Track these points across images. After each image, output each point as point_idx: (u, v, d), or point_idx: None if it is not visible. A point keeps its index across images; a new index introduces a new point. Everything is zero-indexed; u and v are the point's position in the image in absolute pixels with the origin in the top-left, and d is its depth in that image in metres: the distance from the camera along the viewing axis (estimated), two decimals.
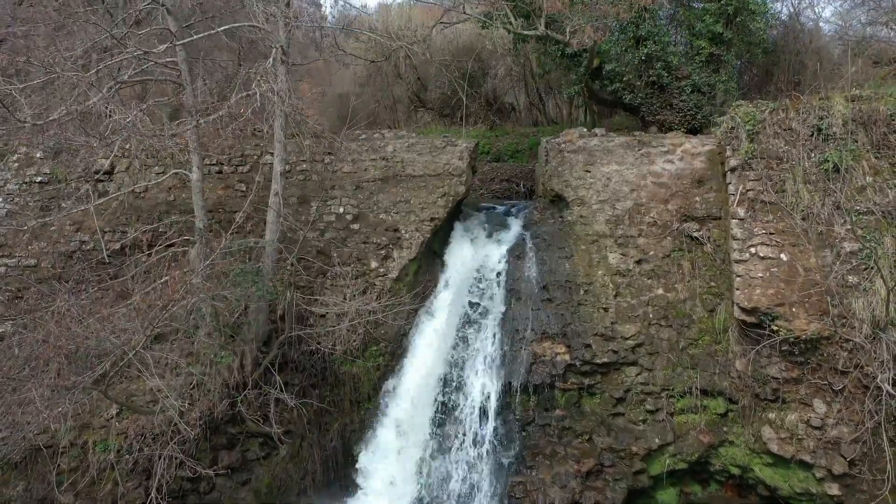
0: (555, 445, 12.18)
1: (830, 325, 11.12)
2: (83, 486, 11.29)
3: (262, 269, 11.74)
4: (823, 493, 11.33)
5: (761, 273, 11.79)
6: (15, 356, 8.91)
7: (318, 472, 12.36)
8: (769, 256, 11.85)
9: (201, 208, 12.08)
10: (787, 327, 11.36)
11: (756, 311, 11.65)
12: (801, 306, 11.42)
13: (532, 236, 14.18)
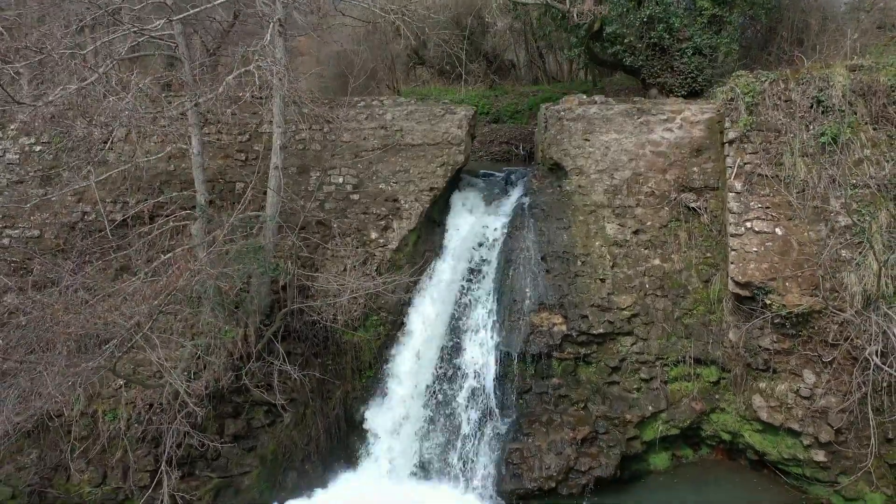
0: (551, 413, 12.54)
1: (822, 300, 11.34)
2: (94, 454, 11.67)
3: (264, 245, 11.87)
4: (810, 459, 11.74)
5: (756, 247, 11.95)
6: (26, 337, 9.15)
7: (321, 438, 12.74)
8: (764, 231, 11.99)
9: (202, 182, 12.17)
10: (780, 301, 11.59)
11: (750, 285, 11.86)
12: (794, 281, 11.62)
13: (530, 206, 14.28)
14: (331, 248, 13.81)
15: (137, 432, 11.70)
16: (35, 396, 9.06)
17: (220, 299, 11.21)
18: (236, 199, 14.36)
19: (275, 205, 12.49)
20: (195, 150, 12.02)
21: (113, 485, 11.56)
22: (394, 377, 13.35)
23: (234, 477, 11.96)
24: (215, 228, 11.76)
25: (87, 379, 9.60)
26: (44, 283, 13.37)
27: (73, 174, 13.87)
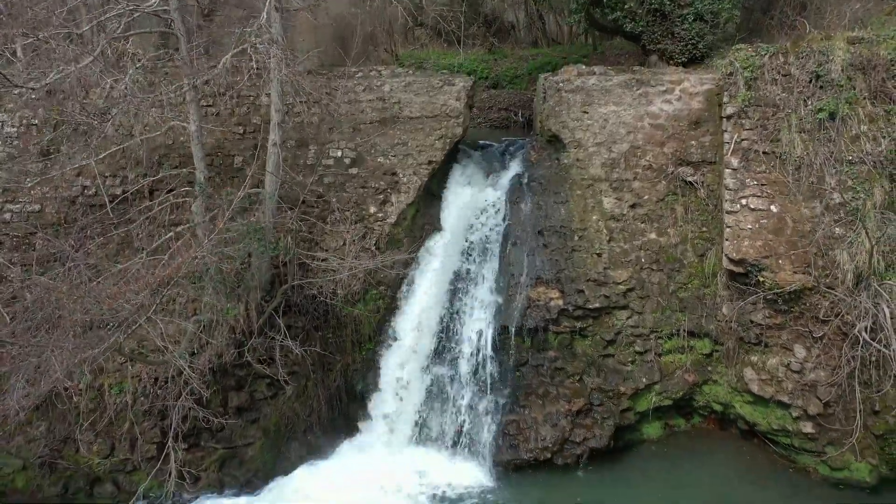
0: (547, 386, 12.83)
1: (814, 278, 11.51)
2: (102, 427, 11.99)
3: (263, 223, 11.99)
4: (798, 430, 12.06)
5: (750, 225, 12.08)
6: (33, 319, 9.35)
7: (322, 409, 13.06)
8: (759, 208, 12.10)
9: (201, 160, 12.21)
10: (773, 279, 11.77)
11: (744, 262, 12.02)
12: (788, 258, 11.78)
13: (528, 180, 14.34)
14: (330, 223, 13.92)
15: (143, 406, 11.99)
16: (43, 378, 9.31)
17: (221, 277, 11.37)
18: (235, 173, 14.45)
19: (274, 182, 12.56)
20: (193, 128, 12.04)
21: (121, 456, 11.90)
22: (393, 349, 13.60)
23: (239, 448, 12.30)
24: (215, 207, 11.85)
25: (93, 360, 9.83)
26: (47, 258, 13.55)
27: (71, 148, 13.89)
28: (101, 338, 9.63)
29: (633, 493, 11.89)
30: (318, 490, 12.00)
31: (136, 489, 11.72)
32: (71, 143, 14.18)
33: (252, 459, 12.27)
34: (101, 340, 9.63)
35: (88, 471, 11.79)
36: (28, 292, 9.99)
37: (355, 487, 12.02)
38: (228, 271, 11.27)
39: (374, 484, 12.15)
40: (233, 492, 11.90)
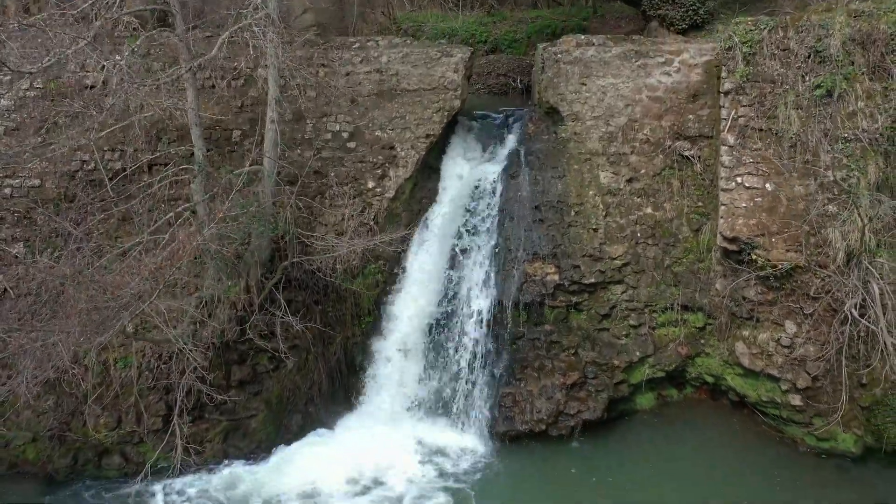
0: (543, 359, 13.11)
1: (806, 257, 11.68)
2: (108, 401, 12.28)
3: (262, 201, 12.09)
4: (787, 402, 12.39)
5: (745, 203, 12.19)
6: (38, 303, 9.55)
7: (323, 382, 13.36)
8: (754, 186, 12.20)
9: (199, 137, 12.24)
10: (765, 257, 11.94)
11: (737, 240, 12.17)
12: (781, 237, 11.93)
13: (526, 153, 14.38)
14: (328, 198, 14.02)
15: (148, 380, 12.26)
16: (50, 362, 9.56)
17: (221, 256, 11.52)
18: (233, 147, 14.49)
19: (272, 160, 12.62)
20: (191, 107, 12.04)
21: (127, 429, 12.23)
22: (392, 323, 13.85)
23: (242, 420, 12.63)
24: (214, 185, 11.95)
25: (98, 345, 10.07)
26: (48, 234, 13.70)
27: (68, 124, 13.90)
28: (105, 322, 9.83)
29: (626, 463, 12.27)
30: (320, 459, 12.37)
31: (143, 460, 12.08)
32: (68, 119, 14.20)
33: (255, 431, 12.61)
34: (105, 324, 9.83)
35: (96, 443, 12.12)
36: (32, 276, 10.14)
37: (355, 457, 12.40)
38: (228, 252, 11.41)
39: (374, 453, 12.51)
40: (237, 462, 12.26)
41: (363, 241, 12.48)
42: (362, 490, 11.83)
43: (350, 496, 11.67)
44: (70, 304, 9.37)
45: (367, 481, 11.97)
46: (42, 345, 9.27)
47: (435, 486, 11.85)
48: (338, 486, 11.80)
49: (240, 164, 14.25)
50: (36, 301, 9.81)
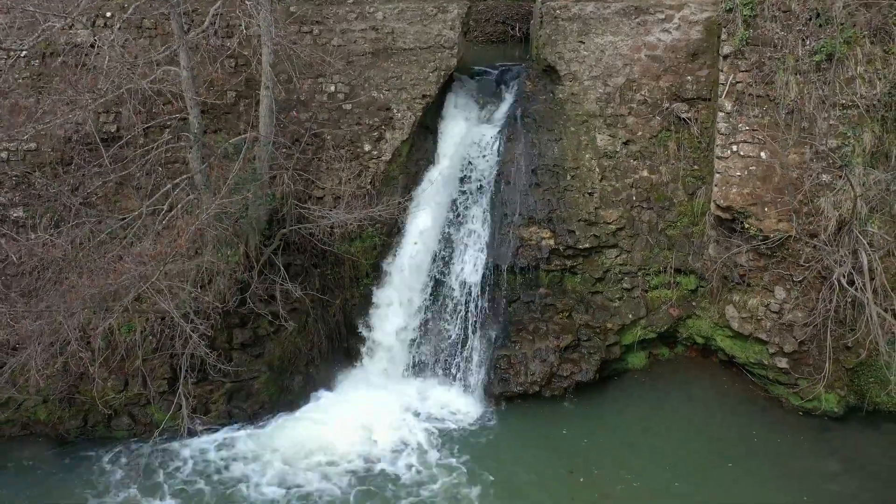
0: (537, 322, 13.40)
1: (798, 226, 11.82)
2: (115, 364, 12.61)
3: (259, 170, 12.12)
4: (774, 365, 12.75)
5: (739, 172, 12.25)
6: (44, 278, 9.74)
7: (323, 343, 13.69)
8: (749, 155, 12.23)
9: (195, 106, 12.17)
10: (758, 226, 12.09)
11: (730, 209, 12.29)
12: (773, 206, 12.03)
13: (523, 115, 14.31)
14: (325, 161, 14.04)
15: (152, 344, 12.57)
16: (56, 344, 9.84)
17: (220, 226, 11.64)
18: (229, 109, 14.41)
19: (268, 125, 12.58)
20: (185, 75, 11.92)
21: (134, 391, 12.59)
22: (389, 284, 14.08)
23: (245, 382, 12.99)
24: (211, 153, 11.96)
25: (103, 331, 10.34)
26: (47, 197, 13.77)
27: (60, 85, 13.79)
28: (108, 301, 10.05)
29: (616, 423, 12.70)
30: (321, 420, 12.81)
31: (150, 421, 12.52)
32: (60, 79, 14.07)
33: (258, 392, 13.00)
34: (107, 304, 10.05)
35: (105, 405, 12.49)
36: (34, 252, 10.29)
37: (355, 416, 12.83)
38: (227, 226, 11.53)
39: (373, 413, 12.93)
40: (241, 423, 12.68)
41: (359, 214, 12.56)
42: (361, 449, 12.26)
43: (349, 455, 12.11)
44: (74, 288, 9.55)
45: (365, 441, 12.39)
46: (49, 325, 9.52)
47: (431, 445, 12.30)
48: (337, 446, 12.23)
49: (235, 126, 14.26)
50: (40, 277, 9.99)
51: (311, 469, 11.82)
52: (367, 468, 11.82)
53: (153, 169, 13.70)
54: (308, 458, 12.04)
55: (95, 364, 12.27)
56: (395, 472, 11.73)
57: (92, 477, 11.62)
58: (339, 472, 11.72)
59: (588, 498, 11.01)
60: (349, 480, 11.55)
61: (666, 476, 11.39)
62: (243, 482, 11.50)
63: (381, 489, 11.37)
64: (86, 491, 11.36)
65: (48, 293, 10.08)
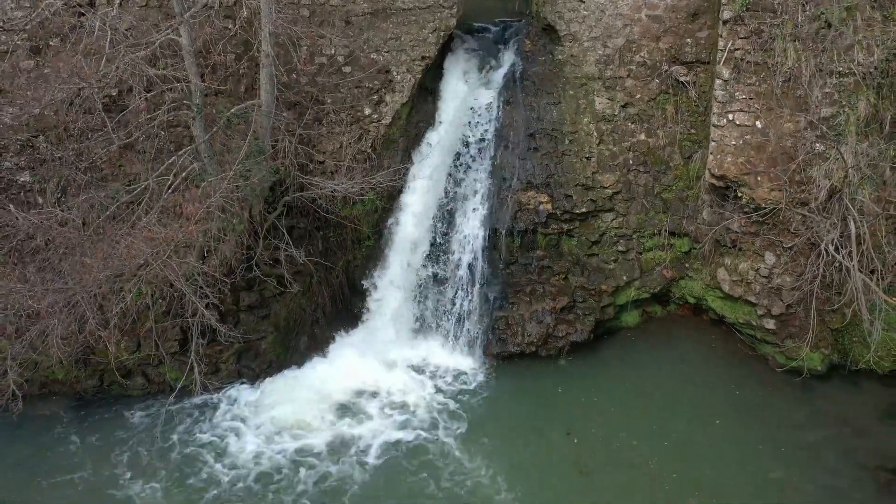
0: (534, 284, 13.82)
1: (790, 195, 12.09)
2: (127, 327, 13.07)
3: (261, 138, 12.29)
4: (762, 325, 13.24)
5: (734, 141, 12.42)
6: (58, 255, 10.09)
7: (327, 304, 14.15)
8: (745, 124, 12.38)
9: (195, 74, 12.25)
10: (750, 195, 12.36)
11: (724, 178, 12.52)
12: (767, 176, 12.27)
13: (522, 77, 14.36)
14: (325, 125, 14.16)
15: (161, 307, 13.00)
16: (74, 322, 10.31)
17: (226, 197, 11.89)
18: (228, 72, 14.42)
19: (269, 92, 12.67)
20: (185, 41, 11.95)
21: (147, 352, 13.10)
22: (391, 246, 14.44)
23: (253, 342, 13.50)
24: (213, 124, 12.12)
25: (119, 312, 10.79)
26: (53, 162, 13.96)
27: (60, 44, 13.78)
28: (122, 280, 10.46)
29: (610, 381, 13.29)
30: (326, 378, 13.39)
31: (163, 380, 13.12)
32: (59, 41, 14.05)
33: (265, 352, 13.53)
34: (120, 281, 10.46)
35: (119, 365, 13.02)
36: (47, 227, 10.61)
37: (359, 374, 13.42)
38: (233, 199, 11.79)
39: (376, 371, 13.53)
40: (250, 381, 13.25)
41: (359, 181, 12.80)
42: (363, 405, 12.87)
43: (352, 411, 12.72)
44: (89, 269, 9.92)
45: (367, 397, 13.01)
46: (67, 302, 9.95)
47: (432, 401, 12.91)
48: (339, 403, 12.82)
49: (235, 88, 14.31)
50: (55, 252, 10.33)
51: (313, 424, 12.40)
52: (369, 424, 12.41)
53: (156, 133, 13.84)
54: (310, 414, 12.61)
55: (112, 339, 12.67)
56: (396, 427, 12.34)
57: (109, 433, 12.25)
58: (340, 424, 12.34)
59: (584, 456, 11.59)
60: (349, 431, 12.18)
61: (657, 433, 12.00)
62: (250, 436, 12.13)
63: (382, 443, 11.96)
64: (104, 446, 12.01)
65: (63, 270, 10.43)
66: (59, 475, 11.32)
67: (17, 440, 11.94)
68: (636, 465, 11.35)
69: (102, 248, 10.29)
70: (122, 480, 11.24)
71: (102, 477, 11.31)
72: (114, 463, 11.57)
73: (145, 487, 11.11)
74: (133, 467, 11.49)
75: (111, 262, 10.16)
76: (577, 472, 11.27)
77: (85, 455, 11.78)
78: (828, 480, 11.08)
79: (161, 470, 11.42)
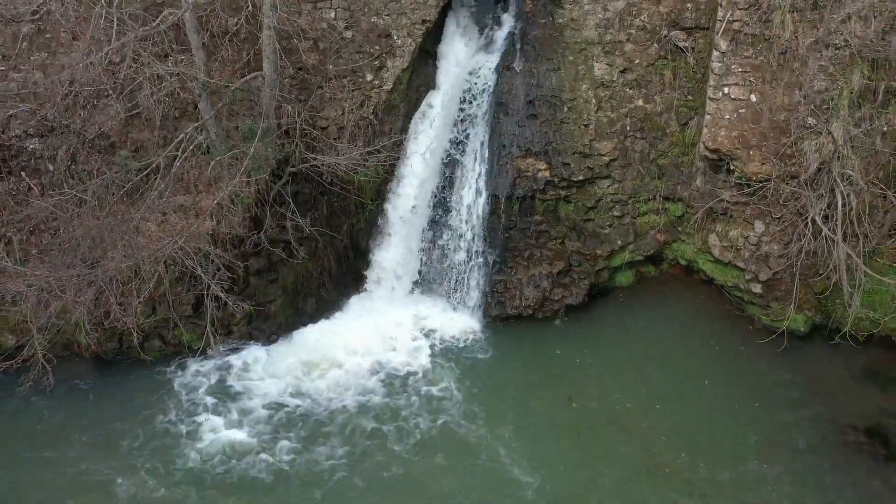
0: (532, 248, 14.34)
1: (781, 169, 12.45)
2: (144, 293, 13.65)
3: (266, 109, 12.54)
4: (749, 289, 13.85)
5: (728, 115, 12.69)
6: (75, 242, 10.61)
7: (332, 266, 14.69)
8: (739, 98, 12.61)
9: (199, 48, 12.38)
10: (742, 168, 12.72)
11: (718, 151, 12.85)
12: (759, 149, 12.59)
13: (522, 42, 14.41)
14: (328, 91, 14.34)
15: (174, 273, 13.55)
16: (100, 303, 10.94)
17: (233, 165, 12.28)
18: (230, 37, 14.48)
19: (272, 64, 12.83)
20: (188, 17, 12.05)
21: (162, 315, 13.73)
22: (393, 211, 14.88)
23: (263, 305, 14.11)
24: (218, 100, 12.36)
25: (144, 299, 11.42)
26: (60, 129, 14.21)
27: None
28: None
29: (603, 341, 14.00)
30: (333, 337, 14.09)
31: (178, 342, 13.80)
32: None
33: (275, 314, 14.17)
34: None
35: (136, 327, 13.67)
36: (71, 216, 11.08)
37: (364, 333, 14.12)
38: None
39: (381, 330, 14.23)
40: (261, 342, 13.95)
41: (361, 152, 13.12)
42: (368, 363, 13.60)
43: (357, 369, 13.44)
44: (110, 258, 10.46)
45: (372, 355, 13.72)
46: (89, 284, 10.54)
47: (434, 360, 13.65)
48: (345, 361, 13.54)
49: (237, 55, 14.40)
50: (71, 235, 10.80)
51: (320, 379, 13.21)
52: (373, 379, 13.22)
53: (161, 99, 14.04)
54: (318, 370, 13.38)
55: (135, 324, 13.22)
56: (399, 382, 13.17)
57: (128, 392, 13.02)
58: (346, 383, 13.14)
59: (580, 417, 12.37)
60: (355, 389, 13.00)
61: (648, 394, 12.76)
62: (262, 392, 12.96)
63: (384, 396, 12.83)
64: (124, 403, 12.80)
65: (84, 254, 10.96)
66: (93, 431, 12.12)
67: (50, 398, 12.64)
68: (629, 428, 12.11)
69: (121, 233, 10.75)
70: (148, 431, 12.11)
71: (131, 429, 12.16)
72: (141, 417, 12.42)
73: (171, 431, 12.11)
74: (157, 419, 12.35)
75: (131, 252, 10.64)
76: (573, 433, 12.06)
77: (115, 410, 12.57)
78: (803, 440, 11.93)
79: (184, 419, 12.34)
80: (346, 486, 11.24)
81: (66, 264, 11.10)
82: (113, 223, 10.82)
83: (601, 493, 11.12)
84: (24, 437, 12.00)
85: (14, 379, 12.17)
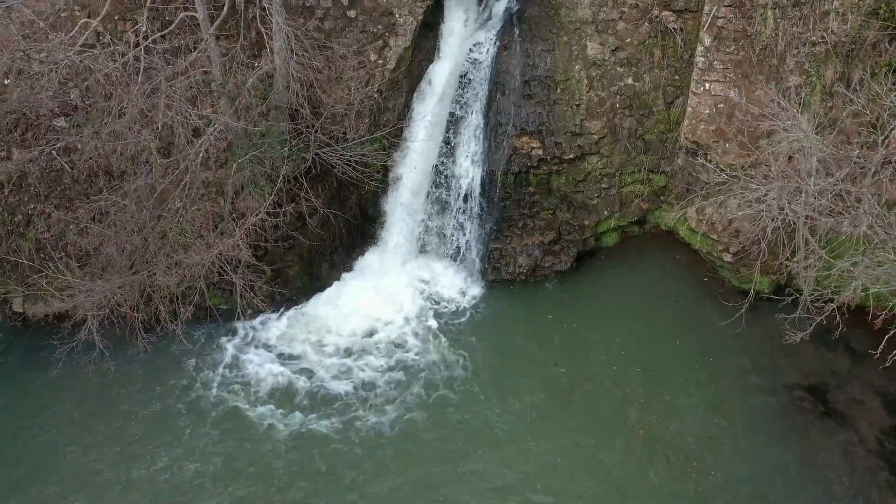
0: (525, 218, 15.64)
1: (754, 159, 13.54)
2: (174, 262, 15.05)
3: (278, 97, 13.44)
4: (721, 257, 15.29)
5: (708, 109, 13.62)
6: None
7: (343, 233, 16.04)
8: (719, 94, 13.49)
9: (205, 19, 13.09)
10: (718, 159, 13.80)
11: (696, 143, 13.86)
12: (735, 142, 13.62)
13: (519, 20, 15.02)
14: (334, 72, 15.10)
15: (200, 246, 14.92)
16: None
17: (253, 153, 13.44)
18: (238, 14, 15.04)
19: (282, 50, 13.57)
20: (202, 18, 12.72)
21: (192, 284, 15.22)
22: (399, 181, 16.05)
23: (281, 270, 15.60)
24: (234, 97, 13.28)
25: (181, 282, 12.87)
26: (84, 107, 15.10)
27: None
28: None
29: (590, 303, 15.58)
30: (346, 298, 15.71)
31: (207, 305, 15.37)
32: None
33: (293, 279, 15.69)
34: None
35: (169, 294, 15.19)
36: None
37: (374, 293, 15.73)
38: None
39: (388, 289, 15.81)
40: (282, 305, 15.56)
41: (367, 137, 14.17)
42: (374, 320, 15.27)
43: (362, 330, 15.11)
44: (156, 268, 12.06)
45: (378, 314, 15.34)
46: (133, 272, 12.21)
47: (436, 320, 15.29)
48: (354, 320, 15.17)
49: (246, 34, 15.06)
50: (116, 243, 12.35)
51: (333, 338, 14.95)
52: (378, 336, 14.92)
53: (175, 76, 14.83)
54: (330, 331, 15.07)
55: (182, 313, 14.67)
56: (402, 340, 14.86)
57: (164, 353, 14.75)
58: (356, 340, 14.86)
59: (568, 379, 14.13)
60: (363, 346, 14.72)
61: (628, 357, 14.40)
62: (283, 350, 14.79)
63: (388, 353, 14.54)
64: (162, 363, 14.58)
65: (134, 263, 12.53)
66: (151, 387, 14.08)
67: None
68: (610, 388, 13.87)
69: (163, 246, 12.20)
70: (190, 385, 14.07)
71: (179, 385, 14.08)
72: (186, 371, 14.39)
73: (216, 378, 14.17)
74: (195, 375, 14.28)
75: (178, 270, 12.12)
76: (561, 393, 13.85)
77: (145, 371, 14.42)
78: (755, 398, 13.77)
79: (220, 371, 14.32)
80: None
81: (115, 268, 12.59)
82: (149, 228, 12.21)
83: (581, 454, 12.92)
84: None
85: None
